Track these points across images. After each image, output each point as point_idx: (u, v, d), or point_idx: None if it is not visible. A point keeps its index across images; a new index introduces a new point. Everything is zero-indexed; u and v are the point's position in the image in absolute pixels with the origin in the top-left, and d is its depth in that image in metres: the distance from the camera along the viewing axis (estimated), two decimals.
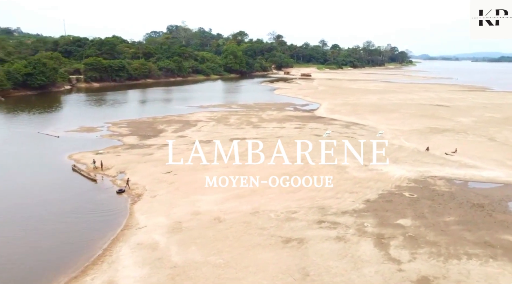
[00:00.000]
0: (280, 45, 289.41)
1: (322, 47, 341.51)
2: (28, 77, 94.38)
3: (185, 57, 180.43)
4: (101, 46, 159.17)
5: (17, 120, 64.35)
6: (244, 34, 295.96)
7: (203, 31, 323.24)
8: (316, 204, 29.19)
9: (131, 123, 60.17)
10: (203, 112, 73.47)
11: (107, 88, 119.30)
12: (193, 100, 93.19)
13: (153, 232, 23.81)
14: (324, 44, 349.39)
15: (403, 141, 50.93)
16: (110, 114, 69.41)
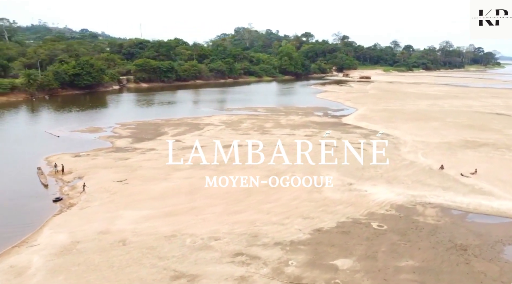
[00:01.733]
0: (345, 46, 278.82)
1: (393, 48, 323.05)
2: (76, 77, 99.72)
3: (240, 59, 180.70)
4: (158, 48, 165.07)
5: (42, 118, 67.52)
6: (310, 35, 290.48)
7: (270, 33, 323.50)
8: (251, 230, 24.96)
9: (140, 125, 59.74)
10: (222, 115, 71.15)
11: (155, 88, 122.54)
12: (224, 102, 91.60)
13: (38, 253, 21.60)
14: (396, 45, 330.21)
15: (419, 156, 43.67)
16: (130, 115, 70.05)
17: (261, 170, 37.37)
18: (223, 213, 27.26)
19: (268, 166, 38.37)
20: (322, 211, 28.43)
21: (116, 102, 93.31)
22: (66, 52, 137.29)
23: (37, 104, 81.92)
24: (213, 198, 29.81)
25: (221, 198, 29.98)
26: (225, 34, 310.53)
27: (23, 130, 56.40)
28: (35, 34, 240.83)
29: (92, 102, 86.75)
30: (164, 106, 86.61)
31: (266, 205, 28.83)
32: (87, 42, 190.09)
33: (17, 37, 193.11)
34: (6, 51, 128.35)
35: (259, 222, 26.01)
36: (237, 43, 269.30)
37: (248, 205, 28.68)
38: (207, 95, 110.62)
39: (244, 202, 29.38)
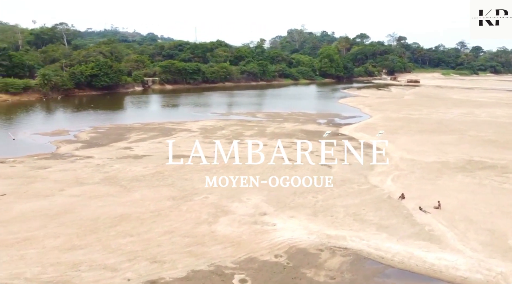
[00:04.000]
0: (401, 47, 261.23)
1: (460, 50, 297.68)
2: (93, 78, 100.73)
3: (278, 61, 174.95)
4: (194, 50, 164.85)
5: (23, 119, 67.40)
6: (365, 36, 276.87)
7: (325, 34, 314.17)
8: (63, 277, 19.47)
9: (111, 129, 56.77)
10: (210, 120, 66.19)
11: (179, 90, 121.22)
12: (230, 106, 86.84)
13: None
14: (463, 46, 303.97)
15: (388, 180, 35.20)
16: (116, 117, 67.86)
17: (173, 188, 31.79)
18: (58, 247, 22.12)
19: (187, 184, 32.72)
20: (189, 252, 22.18)
21: (123, 103, 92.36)
22: (110, 54, 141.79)
23: (42, 104, 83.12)
24: (72, 225, 24.81)
25: (84, 225, 24.88)
26: (280, 36, 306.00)
27: None
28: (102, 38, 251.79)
29: (96, 103, 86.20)
30: (164, 109, 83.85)
31: (124, 239, 23.20)
32: (137, 45, 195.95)
33: (77, 41, 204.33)
34: (50, 53, 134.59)
35: (85, 264, 20.46)
36: (286, 45, 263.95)
37: (100, 237, 23.26)
38: (223, 98, 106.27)
39: (104, 232, 24.02)
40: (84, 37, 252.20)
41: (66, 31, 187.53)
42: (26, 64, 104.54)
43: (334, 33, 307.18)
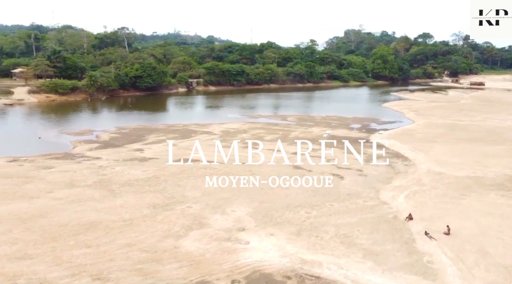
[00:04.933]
0: (468, 47, 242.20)
1: None
2: (137, 79, 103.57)
3: (328, 62, 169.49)
4: (242, 52, 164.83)
5: (60, 118, 70.16)
6: (428, 36, 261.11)
7: (385, 34, 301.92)
8: None
9: (133, 130, 56.99)
10: (236, 122, 64.36)
11: (223, 92, 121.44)
12: (264, 108, 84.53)
13: None
14: None
15: (399, 197, 30.87)
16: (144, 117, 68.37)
17: (160, 195, 30.20)
18: (9, 255, 21.09)
19: (177, 191, 31.04)
20: (139, 269, 20.25)
21: (161, 104, 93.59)
22: (163, 56, 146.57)
23: (86, 104, 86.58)
24: (38, 231, 24.02)
25: (49, 231, 23.98)
26: (337, 37, 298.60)
27: (22, 129, 58.43)
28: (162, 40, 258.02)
29: (136, 104, 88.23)
30: (197, 110, 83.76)
31: (79, 250, 21.84)
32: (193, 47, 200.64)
33: (138, 44, 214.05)
34: (107, 56, 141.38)
35: (25, 277, 19.27)
36: (341, 46, 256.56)
37: (57, 247, 22.10)
38: (262, 100, 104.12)
39: (64, 241, 22.89)
40: (147, 41, 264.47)
41: (127, 35, 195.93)
42: (78, 66, 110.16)
43: (394, 33, 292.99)
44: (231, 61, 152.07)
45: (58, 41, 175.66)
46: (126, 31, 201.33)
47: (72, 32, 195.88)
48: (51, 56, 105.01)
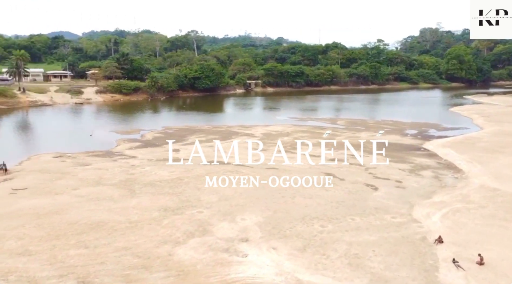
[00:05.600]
0: None
1: None
2: (196, 80, 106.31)
3: (396, 63, 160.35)
4: (304, 53, 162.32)
5: (116, 117, 73.63)
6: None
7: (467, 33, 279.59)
8: None
9: (178, 130, 58.02)
10: (281, 125, 62.74)
11: (281, 93, 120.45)
12: (316, 111, 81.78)
13: None
14: None
15: (435, 216, 27.11)
16: (192, 118, 69.35)
17: (176, 197, 29.72)
18: (11, 250, 21.61)
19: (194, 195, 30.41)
20: (126, 275, 19.69)
21: (216, 105, 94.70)
22: (227, 57, 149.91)
23: (145, 104, 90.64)
24: (47, 227, 24.68)
25: (57, 228, 24.54)
26: (412, 37, 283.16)
27: (79, 126, 62.13)
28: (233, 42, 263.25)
29: (192, 104, 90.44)
30: (247, 111, 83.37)
31: (76, 250, 21.88)
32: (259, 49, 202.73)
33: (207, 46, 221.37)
34: (174, 58, 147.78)
35: (16, 274, 19.54)
36: (415, 46, 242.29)
37: (57, 245, 22.36)
38: (319, 103, 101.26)
39: (66, 239, 23.17)
40: (217, 43, 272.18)
41: (197, 37, 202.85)
42: (143, 67, 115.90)
43: None
44: (293, 62, 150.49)
45: (134, 45, 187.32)
46: (196, 34, 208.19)
47: (147, 36, 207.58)
48: (119, 59, 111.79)
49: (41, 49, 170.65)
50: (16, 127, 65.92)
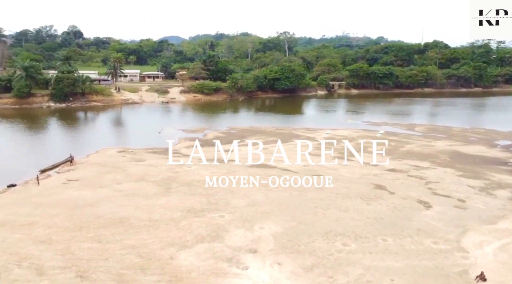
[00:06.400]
0: None
1: None
2: (275, 81, 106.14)
3: (509, 62, 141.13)
4: (398, 53, 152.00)
5: (189, 116, 76.43)
6: None
7: None
8: None
9: (240, 131, 58.00)
10: (350, 129, 59.05)
11: (365, 95, 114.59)
12: (389, 115, 75.52)
13: None
14: None
15: (492, 245, 22.57)
16: (261, 118, 68.96)
17: (205, 199, 29.40)
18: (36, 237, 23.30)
19: (224, 198, 29.85)
20: (120, 275, 19.72)
21: (292, 106, 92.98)
22: (315, 58, 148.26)
23: (223, 104, 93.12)
24: (75, 219, 26.13)
25: (83, 221, 25.89)
26: None
27: (153, 123, 65.57)
28: (330, 43, 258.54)
29: (266, 105, 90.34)
30: (319, 113, 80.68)
31: (89, 244, 22.68)
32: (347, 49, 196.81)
33: (298, 47, 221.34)
34: (262, 59, 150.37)
35: (28, 261, 20.80)
36: None
37: (75, 237, 23.44)
38: (401, 106, 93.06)
39: (85, 232, 24.21)
40: (312, 44, 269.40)
41: (288, 39, 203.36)
42: (228, 69, 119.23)
43: None
44: (385, 63, 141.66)
45: (228, 47, 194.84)
46: (288, 35, 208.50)
47: (241, 38, 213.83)
48: (206, 60, 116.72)
49: (147, 52, 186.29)
50: (102, 122, 72.61)
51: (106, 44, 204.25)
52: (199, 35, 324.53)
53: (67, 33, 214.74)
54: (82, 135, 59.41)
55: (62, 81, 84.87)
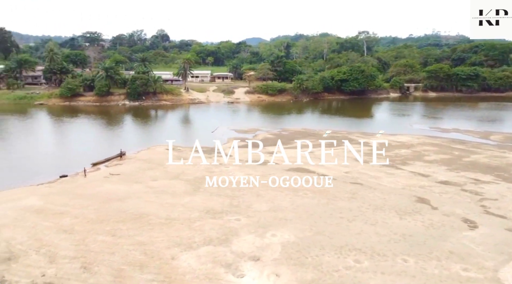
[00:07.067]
0: None
1: None
2: (343, 83, 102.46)
3: None
4: (489, 52, 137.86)
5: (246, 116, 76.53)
6: None
7: None
8: None
9: (291, 133, 56.74)
10: (412, 136, 54.40)
11: (444, 99, 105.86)
12: (465, 122, 68.30)
13: None
14: None
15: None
16: (319, 121, 66.86)
17: (229, 201, 29.07)
18: (61, 227, 24.86)
19: (248, 201, 29.28)
20: (119, 270, 20.11)
21: (356, 109, 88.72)
22: (394, 58, 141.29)
23: (287, 105, 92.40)
24: (102, 212, 27.43)
25: (109, 214, 27.09)
26: None
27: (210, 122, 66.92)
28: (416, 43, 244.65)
29: (330, 107, 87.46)
30: (383, 117, 75.73)
31: (104, 237, 23.56)
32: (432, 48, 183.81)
33: (378, 47, 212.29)
34: (336, 60, 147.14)
35: (45, 248, 22.28)
36: None
37: (93, 229, 24.52)
38: (485, 112, 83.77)
39: (105, 225, 25.21)
40: (396, 43, 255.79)
41: (367, 38, 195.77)
42: (296, 70, 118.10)
43: None
44: (473, 63, 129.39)
45: (304, 47, 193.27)
46: (367, 35, 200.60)
47: (317, 39, 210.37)
48: (274, 61, 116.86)
49: (225, 53, 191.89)
50: (165, 120, 76.23)
51: (189, 46, 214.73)
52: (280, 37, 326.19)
53: (155, 36, 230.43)
54: (143, 131, 62.93)
55: (136, 81, 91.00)
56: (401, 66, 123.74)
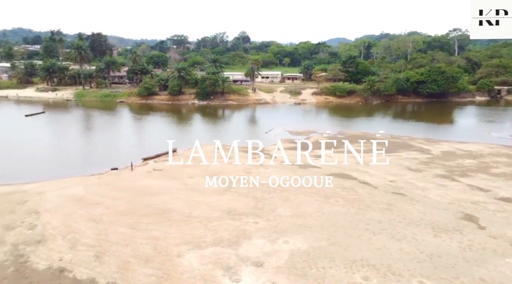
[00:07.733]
0: None
1: None
2: (420, 85, 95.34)
3: None
4: None
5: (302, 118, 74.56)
6: None
7: None
8: None
9: (347, 136, 53.97)
10: (487, 144, 48.54)
11: None
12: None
13: None
14: None
15: None
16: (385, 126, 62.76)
17: (255, 203, 28.67)
18: (93, 217, 26.59)
19: (273, 203, 28.62)
20: (126, 262, 20.88)
21: (433, 113, 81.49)
22: (488, 58, 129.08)
23: (355, 107, 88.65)
24: (131, 205, 28.78)
25: (137, 207, 28.33)
26: None
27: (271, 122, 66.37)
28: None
29: (403, 111, 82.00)
30: (459, 123, 68.34)
31: (124, 229, 24.61)
32: None
33: (472, 46, 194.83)
34: (419, 60, 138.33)
35: (71, 236, 24.04)
36: None
37: (118, 221, 25.79)
38: None
39: (130, 218, 26.40)
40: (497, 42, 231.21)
41: (459, 37, 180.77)
42: (369, 71, 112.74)
43: None
44: None
45: (386, 47, 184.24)
46: (459, 33, 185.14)
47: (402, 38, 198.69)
48: (346, 62, 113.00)
49: (302, 54, 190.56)
50: (227, 119, 77.75)
51: (268, 47, 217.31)
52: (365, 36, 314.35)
53: (237, 38, 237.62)
54: (202, 129, 64.92)
55: (206, 81, 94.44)
56: (493, 66, 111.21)
